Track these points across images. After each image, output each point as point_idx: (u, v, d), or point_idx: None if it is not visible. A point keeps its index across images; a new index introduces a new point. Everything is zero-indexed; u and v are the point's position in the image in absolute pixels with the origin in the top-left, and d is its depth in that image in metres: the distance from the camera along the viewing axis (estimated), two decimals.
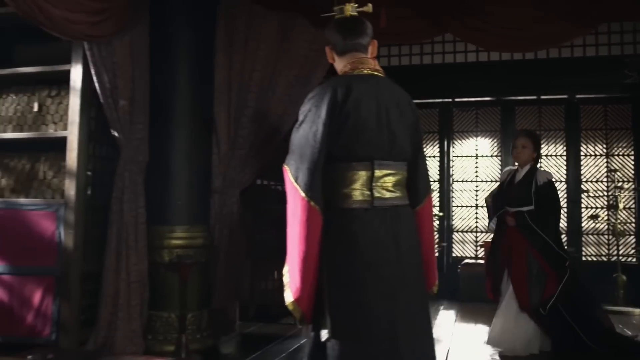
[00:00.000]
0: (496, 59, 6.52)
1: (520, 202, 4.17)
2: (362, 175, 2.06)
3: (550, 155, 7.05)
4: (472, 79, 6.75)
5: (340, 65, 2.26)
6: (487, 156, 7.29)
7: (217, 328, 4.12)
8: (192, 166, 3.95)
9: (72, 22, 3.16)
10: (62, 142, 3.65)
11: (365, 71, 2.16)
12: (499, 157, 7.21)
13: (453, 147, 7.34)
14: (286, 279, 2.02)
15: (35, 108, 3.80)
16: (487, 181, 7.24)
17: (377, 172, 2.07)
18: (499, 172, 7.09)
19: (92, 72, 3.53)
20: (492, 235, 4.45)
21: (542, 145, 6.83)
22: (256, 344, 4.20)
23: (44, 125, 3.78)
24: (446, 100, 7.26)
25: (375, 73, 2.17)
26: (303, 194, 1.98)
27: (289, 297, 2.00)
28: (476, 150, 7.29)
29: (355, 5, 2.26)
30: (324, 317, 1.98)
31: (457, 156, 7.33)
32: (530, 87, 6.76)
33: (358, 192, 2.06)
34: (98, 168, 3.79)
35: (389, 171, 2.10)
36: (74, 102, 3.58)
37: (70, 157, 3.55)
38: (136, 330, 3.67)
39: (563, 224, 6.78)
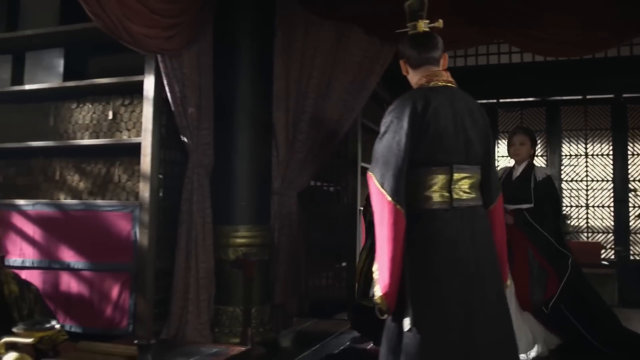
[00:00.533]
0: (541, 59, 6.59)
1: (519, 199, 4.09)
2: (442, 178, 2.24)
3: (596, 155, 7.08)
4: (517, 79, 6.83)
5: (414, 77, 2.42)
6: None
7: (277, 322, 4.36)
8: (253, 169, 4.18)
9: (149, 37, 3.42)
10: (135, 147, 3.91)
11: (440, 83, 2.34)
12: (545, 157, 7.27)
13: (498, 147, 7.42)
14: (376, 275, 2.22)
15: (110, 116, 4.07)
16: None
17: (456, 176, 2.25)
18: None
19: (165, 82, 3.77)
20: None
21: (588, 145, 6.88)
22: (312, 339, 4.38)
23: (118, 132, 4.05)
24: (491, 101, 7.34)
25: (449, 84, 2.36)
26: (390, 199, 2.17)
27: (378, 292, 2.18)
28: None
29: (427, 21, 2.42)
30: (404, 310, 2.17)
31: (503, 156, 7.41)
32: (575, 86, 6.81)
33: (438, 194, 2.24)
34: (168, 171, 4.04)
35: (465, 174, 2.28)
36: (147, 110, 3.83)
37: (145, 162, 3.81)
38: (204, 323, 3.92)
39: (610, 223, 6.82)
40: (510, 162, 4.46)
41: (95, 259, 3.88)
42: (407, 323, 2.15)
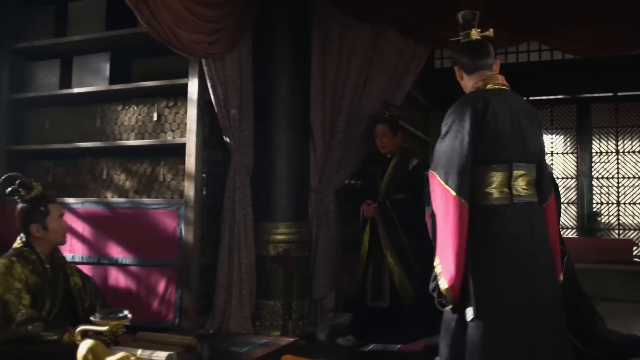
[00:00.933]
0: (571, 57, 6.60)
1: None
2: (502, 175, 2.36)
3: (628, 152, 7.08)
4: (547, 77, 6.86)
5: (469, 82, 2.53)
6: (562, 153, 7.37)
7: (314, 316, 4.50)
8: (291, 168, 4.34)
9: (195, 43, 3.57)
10: (179, 147, 4.08)
11: (496, 86, 2.45)
12: (575, 154, 7.28)
13: None
14: (438, 269, 2.34)
15: (155, 118, 4.25)
16: (562, 177, 7.32)
17: (515, 173, 2.36)
18: (575, 169, 7.16)
19: (208, 85, 3.92)
20: None
21: (619, 142, 6.87)
22: (347, 333, 4.50)
23: (163, 133, 4.22)
24: None
25: (504, 87, 2.47)
26: (454, 194, 2.28)
27: (443, 284, 2.30)
28: (551, 147, 7.38)
29: (479, 30, 2.54)
30: (467, 301, 2.29)
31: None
32: (606, 84, 6.81)
33: (498, 190, 2.36)
34: (210, 171, 4.20)
35: (523, 172, 2.39)
36: (192, 112, 3.99)
37: (189, 162, 3.97)
38: (247, 316, 4.08)
39: None
40: None
41: (142, 254, 4.05)
42: (470, 313, 2.27)
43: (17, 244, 2.60)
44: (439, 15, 4.17)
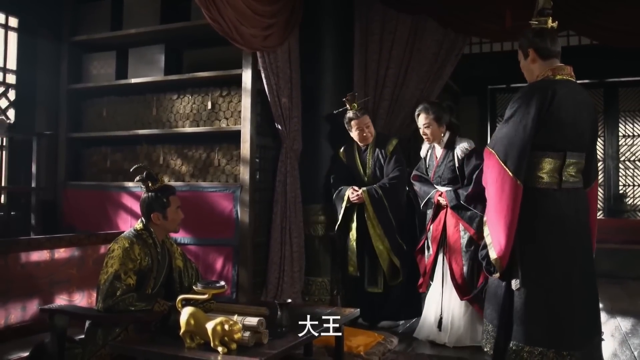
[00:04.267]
0: (597, 41, 6.72)
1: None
2: (555, 162, 2.60)
3: None
4: (574, 61, 6.93)
5: (538, 69, 2.67)
6: None
7: None
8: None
9: (253, 37, 3.83)
10: (233, 134, 4.36)
11: (564, 77, 2.63)
12: (602, 138, 7.45)
13: None
14: (488, 239, 2.63)
15: (209, 106, 4.52)
16: None
17: (568, 161, 2.60)
18: (602, 152, 7.33)
19: (262, 75, 4.18)
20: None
21: None
22: None
23: (217, 120, 4.49)
24: None
25: (571, 78, 2.65)
26: (512, 174, 2.53)
27: (492, 254, 2.59)
28: None
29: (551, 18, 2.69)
30: (513, 272, 2.56)
31: None
32: (634, 68, 6.93)
33: (549, 175, 2.60)
34: (262, 156, 4.47)
35: (575, 160, 2.63)
36: (246, 101, 4.25)
37: (244, 148, 4.24)
38: (297, 292, 4.38)
39: None
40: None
41: (200, 234, 4.35)
42: (516, 283, 2.55)
43: (138, 225, 2.84)
44: (477, 7, 4.37)
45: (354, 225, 4.22)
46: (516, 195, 2.53)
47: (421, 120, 3.94)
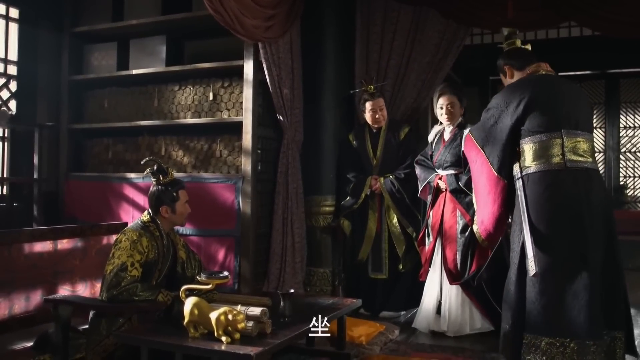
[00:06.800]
0: (600, 32, 6.70)
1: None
2: (555, 143, 2.68)
3: None
4: (576, 52, 6.96)
5: (518, 76, 3.00)
6: None
7: None
8: (337, 144, 4.61)
9: (255, 28, 3.82)
10: (234, 125, 4.35)
11: (543, 72, 2.91)
12: (603, 129, 7.45)
13: None
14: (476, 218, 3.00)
15: (211, 97, 4.51)
16: None
17: (567, 140, 2.68)
18: (602, 143, 7.33)
19: (264, 66, 4.17)
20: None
21: None
22: None
23: (219, 111, 4.49)
24: None
25: (550, 72, 2.92)
26: (495, 170, 2.84)
27: (477, 232, 3.07)
28: None
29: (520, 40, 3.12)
30: (527, 257, 2.60)
31: None
32: (636, 59, 6.91)
33: (551, 156, 2.68)
34: (264, 147, 4.47)
35: (578, 139, 2.69)
36: (247, 92, 4.24)
37: (246, 139, 4.24)
38: (299, 282, 4.39)
39: None
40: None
41: (202, 225, 4.36)
42: (531, 270, 2.56)
43: (145, 217, 2.86)
44: None
45: (374, 212, 4.36)
46: (501, 190, 2.83)
47: (444, 100, 3.94)
